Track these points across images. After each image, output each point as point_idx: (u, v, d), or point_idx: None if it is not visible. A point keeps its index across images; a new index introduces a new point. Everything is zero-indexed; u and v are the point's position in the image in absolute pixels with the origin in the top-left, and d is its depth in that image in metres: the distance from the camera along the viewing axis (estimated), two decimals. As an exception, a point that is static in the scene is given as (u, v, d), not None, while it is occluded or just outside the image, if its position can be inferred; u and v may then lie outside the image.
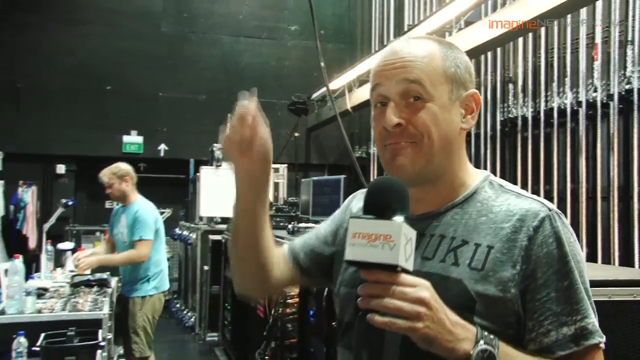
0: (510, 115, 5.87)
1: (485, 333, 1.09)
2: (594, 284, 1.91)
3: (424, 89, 1.21)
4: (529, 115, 5.60)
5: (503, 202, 1.24)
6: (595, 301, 1.22)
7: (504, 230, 1.18)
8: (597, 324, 1.16)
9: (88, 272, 4.94)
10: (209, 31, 9.82)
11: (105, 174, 4.95)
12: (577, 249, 1.20)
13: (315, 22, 3.78)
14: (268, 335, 3.78)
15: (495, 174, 5.01)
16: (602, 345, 1.16)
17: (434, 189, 1.28)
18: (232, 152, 1.28)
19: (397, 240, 1.01)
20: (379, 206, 1.07)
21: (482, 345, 1.06)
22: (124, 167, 5.02)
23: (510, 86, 5.90)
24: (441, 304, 1.06)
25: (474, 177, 1.31)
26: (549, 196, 5.27)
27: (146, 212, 4.95)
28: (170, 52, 9.61)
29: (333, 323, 2.54)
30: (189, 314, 8.06)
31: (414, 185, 1.22)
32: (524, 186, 5.50)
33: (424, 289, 1.04)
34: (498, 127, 6.05)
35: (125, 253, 4.88)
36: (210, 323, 7.01)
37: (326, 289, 2.63)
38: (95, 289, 4.77)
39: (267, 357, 3.84)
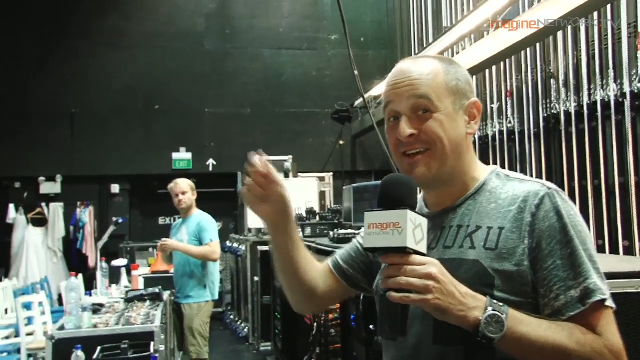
0: (554, 111, 5.76)
1: (494, 301, 1.21)
2: (621, 275, 1.89)
3: (431, 102, 1.36)
4: (573, 110, 5.49)
5: (509, 189, 1.37)
6: (622, 294, 1.41)
7: (511, 212, 1.32)
8: (600, 284, 1.25)
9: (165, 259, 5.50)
10: (251, 46, 9.97)
11: (182, 182, 5.25)
12: (577, 220, 1.30)
13: (346, 31, 3.82)
14: (313, 342, 3.80)
15: (541, 170, 4.92)
16: (609, 304, 1.25)
17: (450, 189, 1.42)
18: (250, 204, 1.48)
19: (404, 225, 1.16)
20: (389, 200, 1.23)
21: (490, 311, 1.18)
22: (192, 182, 5.33)
23: (552, 82, 5.80)
24: (450, 278, 1.19)
25: (483, 171, 1.45)
26: (598, 191, 5.16)
27: (209, 220, 5.31)
28: (214, 68, 9.79)
29: (371, 326, 2.54)
30: (243, 324, 8.16)
31: (433, 188, 1.42)
32: (571, 182, 5.40)
33: (431, 266, 1.18)
34: (542, 123, 5.95)
35: (202, 247, 5.17)
36: (263, 333, 7.07)
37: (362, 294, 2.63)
38: (148, 302, 4.91)
39: (313, 365, 3.86)
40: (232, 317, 8.87)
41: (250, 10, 10.02)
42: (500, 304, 1.21)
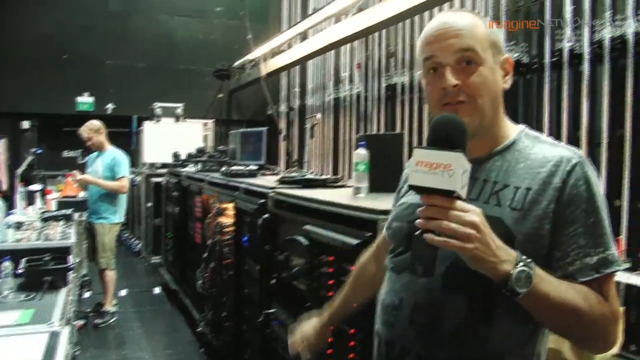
0: (392, 82, 5.96)
1: (524, 257, 1.02)
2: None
3: (477, 54, 1.12)
4: (407, 83, 5.71)
5: (539, 151, 1.15)
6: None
7: (540, 174, 1.11)
8: (617, 256, 1.10)
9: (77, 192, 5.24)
10: (149, 11, 9.39)
11: (84, 130, 4.98)
12: (601, 192, 1.12)
13: (245, 6, 3.73)
14: (208, 257, 3.73)
15: (379, 129, 5.05)
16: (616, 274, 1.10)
17: (481, 140, 1.17)
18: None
19: (456, 169, 0.94)
20: (441, 139, 0.99)
21: (521, 266, 1.00)
22: (97, 122, 5.08)
23: (392, 59, 5.98)
24: (489, 229, 0.99)
25: (513, 129, 1.22)
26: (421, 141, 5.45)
27: (122, 157, 5.05)
28: (117, 27, 9.11)
29: (266, 246, 2.53)
30: (136, 241, 7.92)
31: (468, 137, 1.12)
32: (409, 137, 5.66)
33: (475, 214, 0.97)
34: (383, 91, 6.14)
35: (112, 182, 4.94)
36: (154, 248, 6.93)
37: (261, 219, 2.62)
38: (62, 222, 4.63)
39: (206, 275, 3.82)
40: (127, 235, 8.58)
41: (150, -22, 9.39)
42: (529, 260, 1.02)
